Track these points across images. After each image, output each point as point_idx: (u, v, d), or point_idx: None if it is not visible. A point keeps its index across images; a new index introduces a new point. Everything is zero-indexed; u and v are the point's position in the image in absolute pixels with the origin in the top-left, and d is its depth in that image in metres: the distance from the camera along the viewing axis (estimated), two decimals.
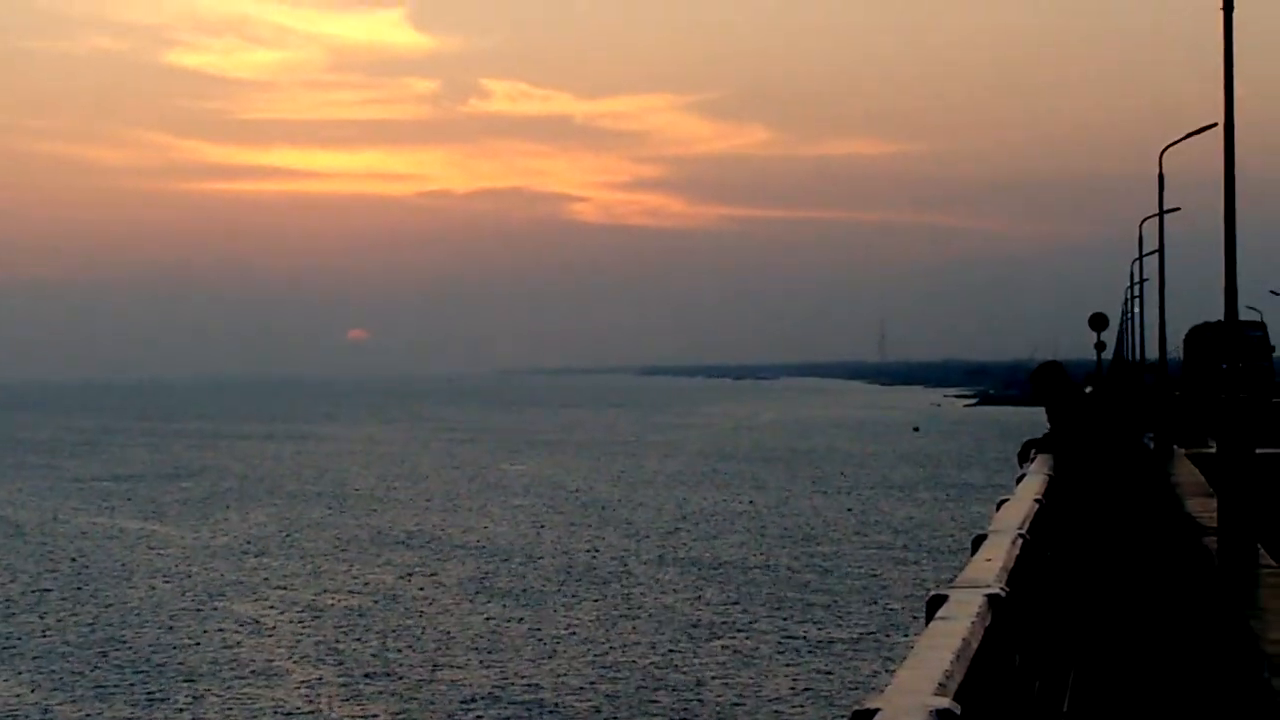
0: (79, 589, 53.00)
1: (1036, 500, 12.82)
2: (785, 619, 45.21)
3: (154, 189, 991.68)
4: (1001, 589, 7.26)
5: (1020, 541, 9.57)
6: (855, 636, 42.62)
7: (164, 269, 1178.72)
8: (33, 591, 52.68)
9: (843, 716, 29.67)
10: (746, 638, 42.31)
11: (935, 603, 6.72)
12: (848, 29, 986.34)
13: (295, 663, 39.76)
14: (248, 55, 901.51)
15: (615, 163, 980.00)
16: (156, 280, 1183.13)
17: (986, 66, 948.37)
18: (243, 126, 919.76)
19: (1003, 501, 12.72)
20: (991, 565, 8.21)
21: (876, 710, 4.41)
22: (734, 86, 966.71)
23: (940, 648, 5.57)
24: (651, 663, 39.01)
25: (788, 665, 38.63)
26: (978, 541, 9.46)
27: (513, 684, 36.77)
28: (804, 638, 42.41)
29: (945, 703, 4.59)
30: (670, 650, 40.61)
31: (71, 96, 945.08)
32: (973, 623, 6.20)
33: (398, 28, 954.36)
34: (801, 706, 34.39)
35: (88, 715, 34.46)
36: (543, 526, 70.49)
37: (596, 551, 61.09)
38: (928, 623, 6.41)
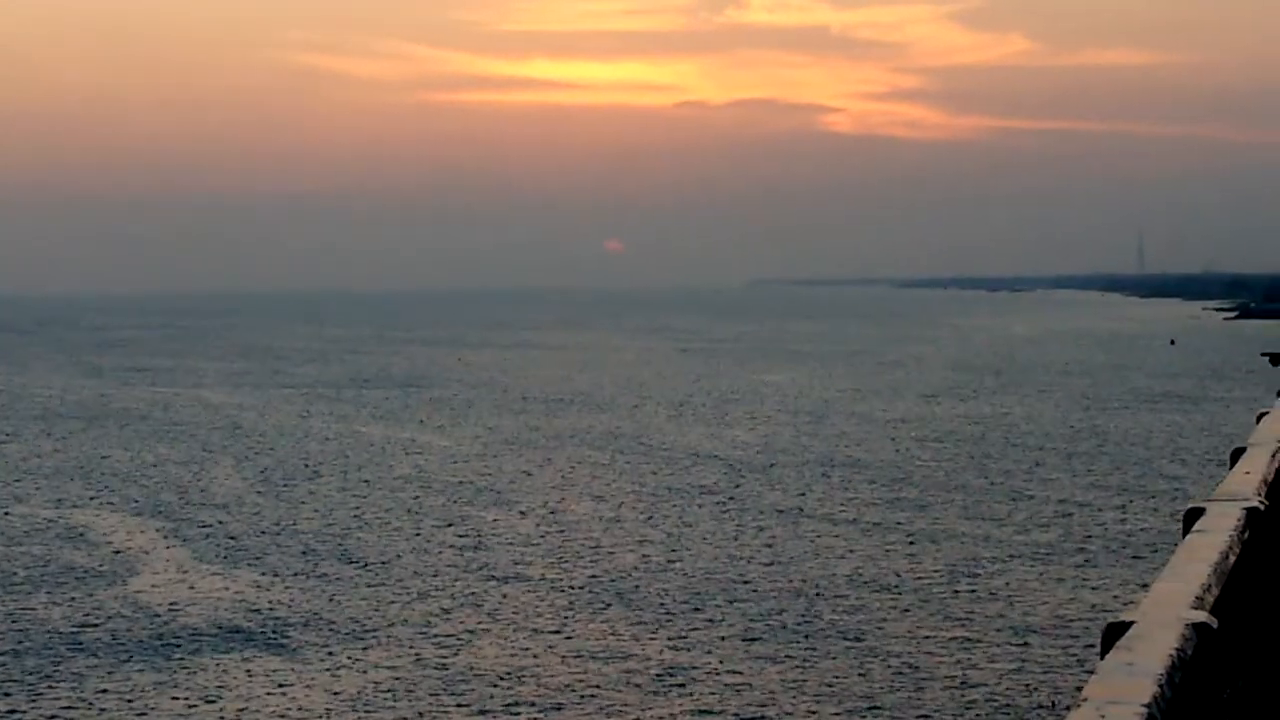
0: (315, 491, 53.90)
1: None
2: (1034, 529, 44.65)
3: (409, 101, 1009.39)
4: (1261, 502, 7.07)
5: None
6: (1107, 547, 41.99)
7: (416, 182, 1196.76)
8: (270, 493, 53.70)
9: (1096, 628, 29.12)
10: (990, 548, 41.87)
11: (1192, 515, 6.59)
12: None
13: (529, 566, 40.01)
14: None
15: (872, 73, 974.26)
16: (408, 193, 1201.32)
17: None
18: (500, 37, 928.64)
19: (1263, 414, 12.32)
20: (1251, 478, 7.96)
21: (1131, 623, 4.35)
22: None
23: (1197, 560, 5.45)
24: (891, 574, 38.68)
25: (1038, 577, 38.14)
26: (1236, 454, 9.20)
27: (742, 587, 36.70)
28: (1054, 548, 41.87)
29: (1202, 616, 4.51)
30: (911, 562, 40.27)
31: (325, 7, 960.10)
32: (1231, 536, 6.07)
33: None
34: (1054, 618, 33.96)
35: (317, 610, 34.91)
36: (782, 438, 70.44)
37: (834, 465, 60.92)
38: (1184, 535, 6.31)
